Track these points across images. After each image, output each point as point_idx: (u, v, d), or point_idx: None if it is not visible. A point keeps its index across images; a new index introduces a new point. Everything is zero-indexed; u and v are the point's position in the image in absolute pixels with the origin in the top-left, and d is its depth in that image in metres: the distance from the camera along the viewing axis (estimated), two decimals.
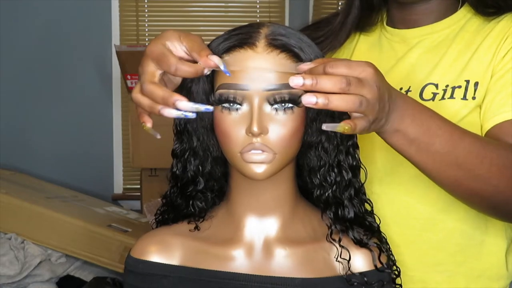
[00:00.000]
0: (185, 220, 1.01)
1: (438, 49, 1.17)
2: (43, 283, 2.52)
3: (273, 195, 0.98)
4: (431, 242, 1.16)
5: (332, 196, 0.97)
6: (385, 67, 1.19)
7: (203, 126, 0.98)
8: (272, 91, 0.90)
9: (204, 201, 1.01)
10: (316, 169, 0.97)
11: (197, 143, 0.98)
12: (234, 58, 0.92)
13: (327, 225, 0.98)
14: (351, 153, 0.97)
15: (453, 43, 1.17)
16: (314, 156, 0.97)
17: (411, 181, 1.14)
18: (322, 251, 0.97)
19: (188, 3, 3.79)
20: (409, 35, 1.21)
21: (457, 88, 1.12)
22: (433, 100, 1.13)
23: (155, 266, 0.98)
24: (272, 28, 0.94)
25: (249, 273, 0.97)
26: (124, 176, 3.77)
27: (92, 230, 2.61)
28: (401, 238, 1.15)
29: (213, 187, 1.02)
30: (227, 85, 0.91)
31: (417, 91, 1.15)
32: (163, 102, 0.85)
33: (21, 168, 3.49)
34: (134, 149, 3.07)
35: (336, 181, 0.97)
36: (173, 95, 0.85)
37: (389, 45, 1.23)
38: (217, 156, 1.00)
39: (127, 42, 3.70)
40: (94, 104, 3.69)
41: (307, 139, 0.96)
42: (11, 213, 2.58)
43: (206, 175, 1.01)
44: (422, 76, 1.16)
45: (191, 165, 1.00)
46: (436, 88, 1.14)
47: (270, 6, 3.78)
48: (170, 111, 0.85)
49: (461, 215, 1.15)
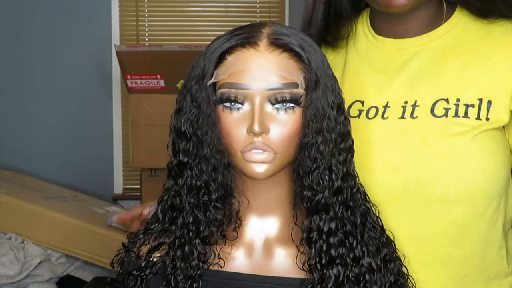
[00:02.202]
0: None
1: (439, 60, 1.14)
2: (43, 283, 2.52)
3: (273, 195, 0.98)
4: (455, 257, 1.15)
5: (323, 202, 0.94)
6: (382, 79, 1.17)
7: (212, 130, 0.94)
8: (274, 90, 0.90)
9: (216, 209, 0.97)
10: (309, 171, 0.94)
11: (207, 149, 0.95)
12: (236, 58, 0.92)
13: (307, 228, 0.95)
14: (345, 157, 0.95)
15: (455, 52, 1.14)
16: (308, 157, 0.94)
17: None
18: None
19: (188, 3, 3.79)
20: (404, 45, 1.17)
21: (470, 107, 1.10)
22: (446, 116, 1.11)
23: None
24: (274, 27, 0.94)
25: (249, 273, 0.97)
26: (124, 176, 3.77)
27: (92, 230, 2.60)
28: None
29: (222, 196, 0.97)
30: (229, 85, 0.91)
31: (427, 107, 1.12)
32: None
33: (21, 168, 3.49)
34: (134, 149, 3.07)
35: (328, 185, 0.94)
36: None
37: (382, 54, 1.19)
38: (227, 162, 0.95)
39: (127, 42, 3.70)
40: (94, 104, 3.68)
41: (303, 140, 0.94)
42: (11, 213, 2.58)
43: (218, 183, 0.96)
44: (427, 90, 1.13)
45: (203, 173, 0.96)
46: (447, 103, 1.11)
47: (270, 6, 3.78)
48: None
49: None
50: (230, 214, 0.97)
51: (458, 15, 1.17)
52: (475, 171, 1.10)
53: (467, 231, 1.13)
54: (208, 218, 0.96)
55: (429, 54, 1.15)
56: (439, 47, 1.15)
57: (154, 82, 2.97)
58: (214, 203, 0.96)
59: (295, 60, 0.92)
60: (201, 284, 0.96)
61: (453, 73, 1.12)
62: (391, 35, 1.18)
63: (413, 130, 1.12)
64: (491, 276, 1.16)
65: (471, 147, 1.10)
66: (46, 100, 3.66)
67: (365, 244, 0.96)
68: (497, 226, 1.15)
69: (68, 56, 3.65)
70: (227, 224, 0.97)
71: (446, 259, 1.13)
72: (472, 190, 1.10)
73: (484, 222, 1.13)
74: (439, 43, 1.15)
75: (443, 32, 1.16)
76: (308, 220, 0.95)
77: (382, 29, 1.19)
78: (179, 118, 0.96)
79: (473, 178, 1.10)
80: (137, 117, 3.04)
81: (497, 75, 1.10)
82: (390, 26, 1.18)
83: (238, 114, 0.91)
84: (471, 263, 1.14)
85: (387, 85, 1.16)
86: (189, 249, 0.95)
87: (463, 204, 1.11)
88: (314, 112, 0.92)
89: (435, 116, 1.11)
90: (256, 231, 0.99)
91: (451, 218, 1.12)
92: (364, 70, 1.19)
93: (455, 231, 1.12)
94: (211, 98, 0.93)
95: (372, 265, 0.96)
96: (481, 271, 1.15)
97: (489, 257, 1.15)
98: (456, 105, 1.11)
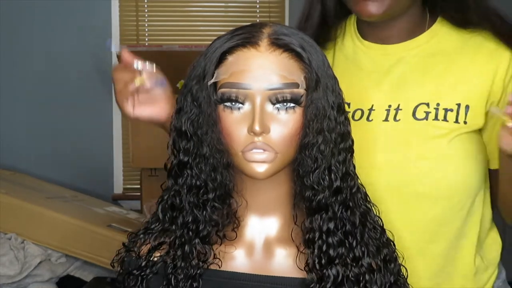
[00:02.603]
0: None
1: (421, 66, 1.20)
2: (43, 283, 2.52)
3: (273, 195, 0.98)
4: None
5: (324, 202, 0.94)
6: (367, 83, 1.21)
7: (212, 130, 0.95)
8: (274, 90, 0.90)
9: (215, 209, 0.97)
10: (310, 171, 0.94)
11: (206, 148, 0.95)
12: (237, 58, 0.92)
13: (307, 228, 0.95)
14: (344, 157, 0.96)
15: (436, 59, 1.19)
16: (309, 157, 0.94)
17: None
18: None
19: (188, 3, 3.79)
20: (390, 51, 1.22)
21: (449, 111, 1.16)
22: (426, 120, 1.17)
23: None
24: (274, 28, 0.94)
25: (249, 273, 0.97)
26: (124, 176, 3.77)
27: (92, 230, 2.60)
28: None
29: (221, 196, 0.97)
30: (230, 84, 0.91)
31: (409, 111, 1.18)
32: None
33: (21, 168, 3.49)
34: (134, 149, 3.07)
35: (328, 185, 0.94)
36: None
37: (368, 58, 1.23)
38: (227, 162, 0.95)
39: (127, 42, 3.69)
40: (94, 104, 3.68)
41: (304, 140, 0.94)
42: (11, 213, 2.58)
43: (217, 182, 0.96)
44: (410, 95, 1.19)
45: (202, 172, 0.96)
46: (428, 107, 1.18)
47: (270, 6, 3.77)
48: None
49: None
50: (228, 214, 0.97)
51: (439, 25, 1.22)
52: (453, 171, 1.18)
53: (444, 227, 1.19)
54: (208, 218, 0.96)
55: (412, 60, 1.20)
56: (421, 54, 1.20)
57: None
58: (212, 203, 0.96)
59: (295, 60, 0.92)
60: (201, 283, 0.96)
61: (434, 80, 1.18)
62: (376, 40, 1.23)
63: (396, 132, 1.18)
64: (471, 271, 1.22)
65: (449, 149, 1.17)
66: (46, 100, 3.66)
67: (365, 244, 0.96)
68: (473, 222, 1.21)
69: (68, 56, 3.65)
70: (226, 224, 0.97)
71: (425, 252, 1.19)
72: (450, 188, 1.17)
73: (459, 218, 1.19)
74: (421, 50, 1.21)
75: (425, 40, 1.21)
76: (308, 220, 0.95)
77: (368, 34, 1.24)
78: (180, 118, 0.96)
79: (452, 178, 1.18)
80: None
81: (474, 83, 1.17)
82: (374, 32, 1.22)
83: (239, 114, 0.92)
84: (447, 257, 1.20)
85: (372, 89, 1.21)
86: (189, 248, 0.95)
87: (442, 201, 1.18)
88: (314, 112, 0.93)
89: (416, 119, 1.18)
90: (256, 231, 0.99)
91: (430, 216, 1.18)
92: (351, 72, 1.23)
93: (433, 227, 1.19)
94: (211, 97, 0.93)
95: (372, 265, 0.96)
96: (457, 265, 1.21)
97: (464, 252, 1.21)
98: (436, 109, 1.17)
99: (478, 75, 1.17)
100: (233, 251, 0.97)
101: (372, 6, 1.14)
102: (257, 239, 0.99)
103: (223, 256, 0.97)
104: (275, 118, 0.91)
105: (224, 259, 0.97)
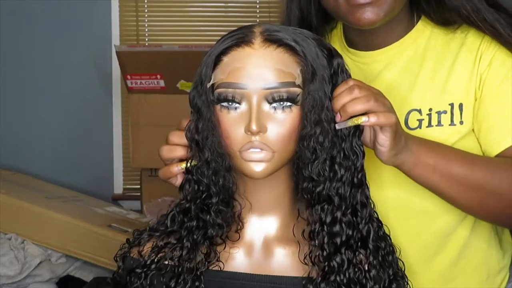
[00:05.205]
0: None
1: (410, 69, 1.15)
2: (43, 283, 2.52)
3: (272, 194, 0.98)
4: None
5: (325, 193, 0.94)
6: None
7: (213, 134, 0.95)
8: (271, 89, 0.91)
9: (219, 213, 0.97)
10: (309, 162, 0.94)
11: (208, 153, 0.96)
12: (232, 57, 0.92)
13: (309, 220, 0.95)
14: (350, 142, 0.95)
15: (424, 61, 1.15)
16: (307, 148, 0.94)
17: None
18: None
19: (188, 3, 3.79)
20: (377, 57, 1.17)
21: (442, 113, 1.12)
22: (420, 128, 1.12)
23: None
24: (265, 26, 0.95)
25: (249, 272, 0.97)
26: (124, 176, 3.77)
27: (92, 230, 2.60)
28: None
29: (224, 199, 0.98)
30: (226, 84, 0.92)
31: (400, 119, 1.06)
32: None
33: (21, 168, 3.49)
34: (134, 149, 3.07)
35: (330, 176, 0.94)
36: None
37: (357, 67, 1.18)
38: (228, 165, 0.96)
39: (127, 42, 3.69)
40: (94, 104, 3.68)
41: (302, 132, 0.93)
42: (11, 213, 2.58)
43: (220, 186, 0.97)
44: (400, 100, 1.12)
45: (204, 177, 0.97)
46: (420, 114, 1.13)
47: (270, 6, 3.77)
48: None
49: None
50: (232, 216, 0.98)
51: (424, 23, 1.17)
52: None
53: (449, 238, 1.16)
54: (212, 221, 0.96)
55: (400, 63, 1.16)
56: (409, 56, 1.16)
57: (154, 82, 2.97)
58: (216, 206, 0.96)
59: (290, 54, 0.93)
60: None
61: (424, 82, 1.14)
62: (364, 48, 1.18)
63: None
64: (483, 276, 1.19)
65: None
66: (46, 100, 3.66)
67: (367, 232, 0.96)
68: (481, 228, 1.17)
69: (68, 56, 3.65)
70: (230, 226, 0.98)
71: (432, 264, 1.17)
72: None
73: (464, 228, 1.16)
74: (408, 51, 1.16)
75: (411, 41, 1.17)
76: (309, 212, 0.95)
77: (355, 43, 1.20)
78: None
79: None
80: (137, 117, 3.04)
81: (464, 80, 1.12)
82: (362, 40, 1.18)
83: (236, 113, 0.92)
84: (457, 266, 1.17)
85: None
86: (193, 249, 0.95)
87: (443, 214, 1.14)
88: (312, 103, 0.93)
89: (409, 128, 1.13)
90: (256, 231, 0.99)
91: (433, 229, 1.16)
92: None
93: (438, 239, 1.16)
94: (209, 99, 0.94)
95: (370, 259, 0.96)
96: (469, 273, 1.18)
97: (475, 258, 1.18)
98: (428, 115, 1.12)
99: (465, 71, 1.12)
100: (233, 252, 0.98)
101: (370, 13, 1.06)
102: (256, 239, 0.99)
103: (224, 257, 0.97)
104: (272, 117, 0.91)
105: (224, 259, 0.97)
